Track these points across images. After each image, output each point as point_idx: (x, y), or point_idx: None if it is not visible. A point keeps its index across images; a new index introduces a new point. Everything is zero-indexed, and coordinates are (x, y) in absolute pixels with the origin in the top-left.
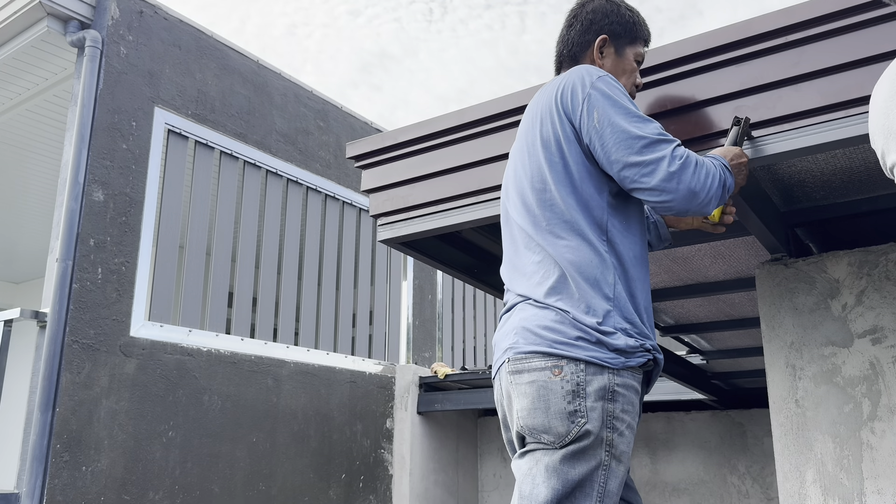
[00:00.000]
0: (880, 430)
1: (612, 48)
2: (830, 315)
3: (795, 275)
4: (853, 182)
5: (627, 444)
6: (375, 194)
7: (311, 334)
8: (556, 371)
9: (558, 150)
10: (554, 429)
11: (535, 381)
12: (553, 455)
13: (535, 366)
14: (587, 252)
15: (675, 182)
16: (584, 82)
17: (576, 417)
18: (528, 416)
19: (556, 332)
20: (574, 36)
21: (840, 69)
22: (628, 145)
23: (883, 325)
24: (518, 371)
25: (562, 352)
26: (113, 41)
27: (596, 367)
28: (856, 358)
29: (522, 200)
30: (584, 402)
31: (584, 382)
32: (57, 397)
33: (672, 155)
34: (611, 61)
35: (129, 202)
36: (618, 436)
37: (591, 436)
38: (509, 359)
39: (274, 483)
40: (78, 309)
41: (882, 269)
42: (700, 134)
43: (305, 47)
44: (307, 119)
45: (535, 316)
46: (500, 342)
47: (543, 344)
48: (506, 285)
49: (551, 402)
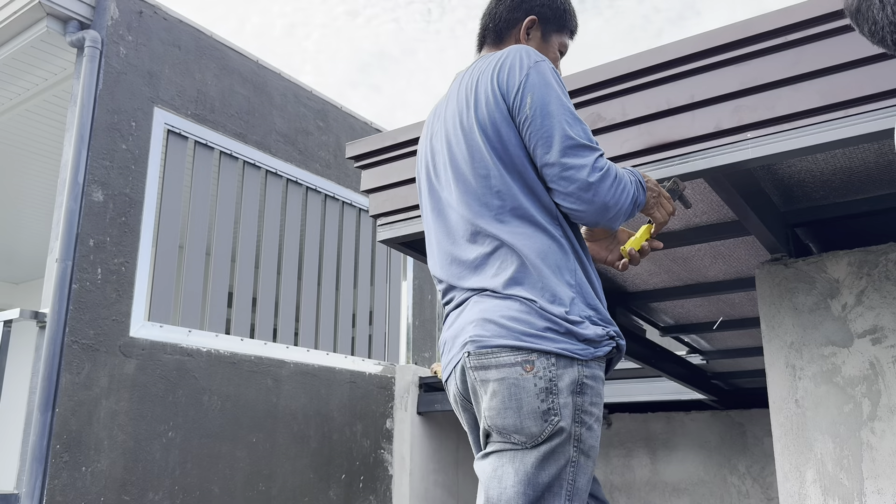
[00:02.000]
0: (880, 430)
1: (539, 31)
2: (830, 315)
3: (795, 275)
4: (853, 182)
5: (595, 439)
6: (375, 194)
7: (310, 334)
8: (528, 367)
9: (496, 134)
10: (526, 429)
11: (506, 379)
12: (524, 456)
13: (503, 361)
14: (544, 239)
15: (592, 193)
16: (523, 63)
17: (549, 416)
18: (498, 415)
19: (524, 322)
20: (502, 11)
21: (839, 69)
22: (553, 142)
23: (883, 325)
24: (484, 367)
25: (532, 345)
26: (112, 41)
27: (566, 360)
28: (856, 358)
29: (465, 187)
30: (558, 398)
31: (556, 378)
32: (57, 398)
33: (594, 165)
34: (535, 44)
35: (128, 202)
36: (586, 430)
37: (563, 433)
38: (470, 352)
39: (274, 483)
40: (77, 309)
41: (882, 269)
42: (698, 134)
43: (304, 48)
44: (307, 119)
45: (497, 307)
46: (454, 338)
47: (511, 336)
48: (444, 281)
49: (524, 400)
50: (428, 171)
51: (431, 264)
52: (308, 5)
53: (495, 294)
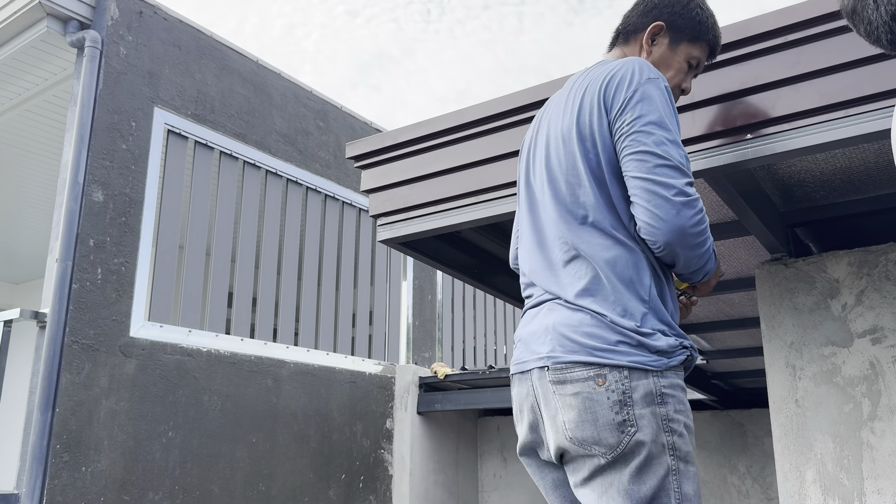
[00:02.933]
0: (880, 429)
1: (667, 39)
2: (830, 315)
3: (795, 275)
4: (853, 182)
5: (689, 444)
6: (375, 194)
7: (310, 334)
8: (600, 381)
9: (593, 146)
10: (604, 440)
11: (580, 393)
12: (620, 476)
13: (577, 376)
14: (623, 253)
15: (673, 213)
16: (633, 79)
17: (625, 427)
18: (577, 428)
19: (595, 337)
20: (634, 15)
21: (839, 69)
22: (648, 160)
23: (883, 325)
24: (561, 381)
25: (603, 359)
26: (112, 41)
27: (640, 372)
28: (856, 358)
29: (555, 191)
30: (633, 410)
31: (629, 390)
32: (57, 398)
33: (682, 189)
34: (660, 52)
35: (128, 202)
36: (677, 437)
37: (647, 444)
38: (549, 367)
39: (274, 483)
40: (78, 309)
41: (882, 269)
42: (698, 134)
43: (303, 48)
44: (307, 119)
45: (569, 319)
46: (530, 342)
47: (583, 352)
48: (527, 276)
49: (599, 413)
50: (528, 164)
51: (519, 254)
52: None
53: (568, 305)
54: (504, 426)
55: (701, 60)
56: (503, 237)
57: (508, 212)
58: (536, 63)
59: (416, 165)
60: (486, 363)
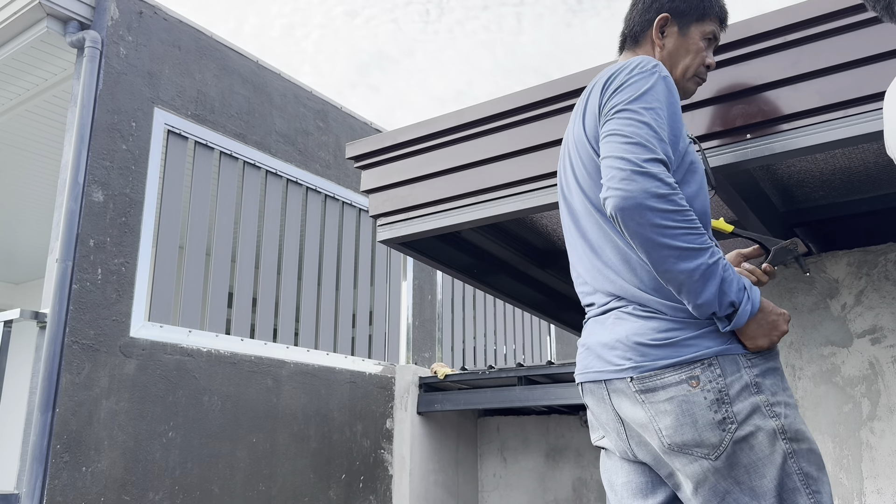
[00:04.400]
0: (879, 429)
1: (676, 27)
2: (830, 315)
3: (795, 275)
4: (852, 182)
5: (798, 421)
6: (375, 194)
7: (310, 335)
8: (694, 383)
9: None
10: (706, 441)
11: (675, 398)
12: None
13: (669, 381)
14: None
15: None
16: (624, 72)
17: (725, 425)
18: (676, 432)
19: (674, 336)
20: (635, 15)
21: (839, 69)
22: (611, 141)
23: (882, 325)
24: (650, 390)
25: (688, 356)
26: (112, 42)
27: (730, 364)
28: (855, 358)
29: (584, 195)
30: (731, 407)
31: (725, 387)
32: (57, 398)
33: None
34: (673, 41)
35: (128, 203)
36: (784, 419)
37: (754, 436)
38: (633, 378)
39: (274, 483)
40: (78, 309)
41: (881, 270)
42: (697, 134)
43: (303, 48)
44: (307, 119)
45: (643, 328)
46: (601, 351)
47: (667, 356)
48: (589, 284)
49: (697, 415)
50: (561, 170)
51: (573, 263)
52: (306, 6)
53: (641, 310)
54: (504, 426)
55: (716, 32)
56: (503, 237)
57: (508, 212)
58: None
59: (415, 165)
60: (486, 363)
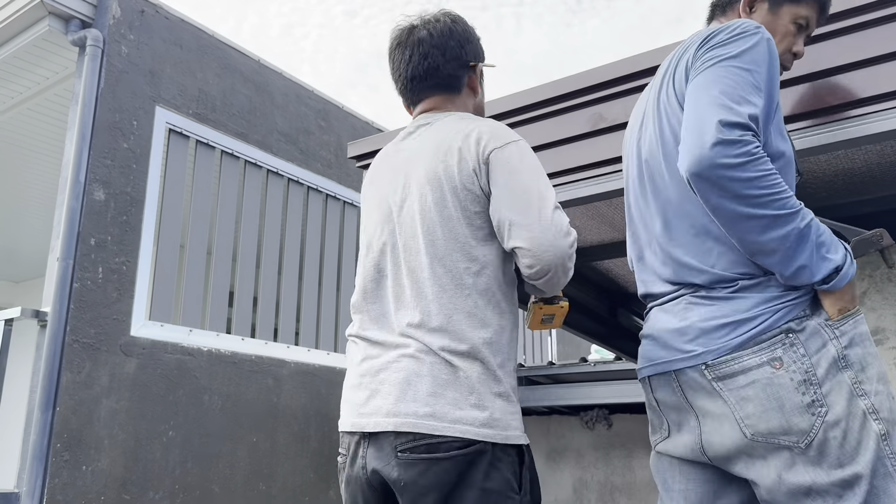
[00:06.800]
0: None
1: (766, 3)
2: None
3: None
4: (854, 183)
5: (890, 398)
6: None
7: (311, 334)
8: (776, 364)
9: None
10: (795, 426)
11: (757, 381)
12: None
13: (748, 364)
14: None
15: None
16: (723, 33)
17: (814, 408)
18: (760, 420)
19: (749, 315)
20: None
21: (840, 70)
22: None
23: (885, 327)
24: (728, 376)
25: (767, 333)
26: (114, 40)
27: (813, 339)
28: None
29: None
30: (820, 388)
31: (811, 367)
32: (57, 397)
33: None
34: (761, 18)
35: (129, 201)
36: (874, 397)
37: (845, 419)
38: (707, 364)
39: (274, 483)
40: (78, 308)
41: (884, 271)
42: None
43: (302, 48)
44: (308, 118)
45: (716, 312)
46: (669, 339)
47: (742, 337)
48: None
49: (784, 398)
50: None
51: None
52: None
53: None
54: None
55: (811, 19)
56: None
57: None
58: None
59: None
60: None
